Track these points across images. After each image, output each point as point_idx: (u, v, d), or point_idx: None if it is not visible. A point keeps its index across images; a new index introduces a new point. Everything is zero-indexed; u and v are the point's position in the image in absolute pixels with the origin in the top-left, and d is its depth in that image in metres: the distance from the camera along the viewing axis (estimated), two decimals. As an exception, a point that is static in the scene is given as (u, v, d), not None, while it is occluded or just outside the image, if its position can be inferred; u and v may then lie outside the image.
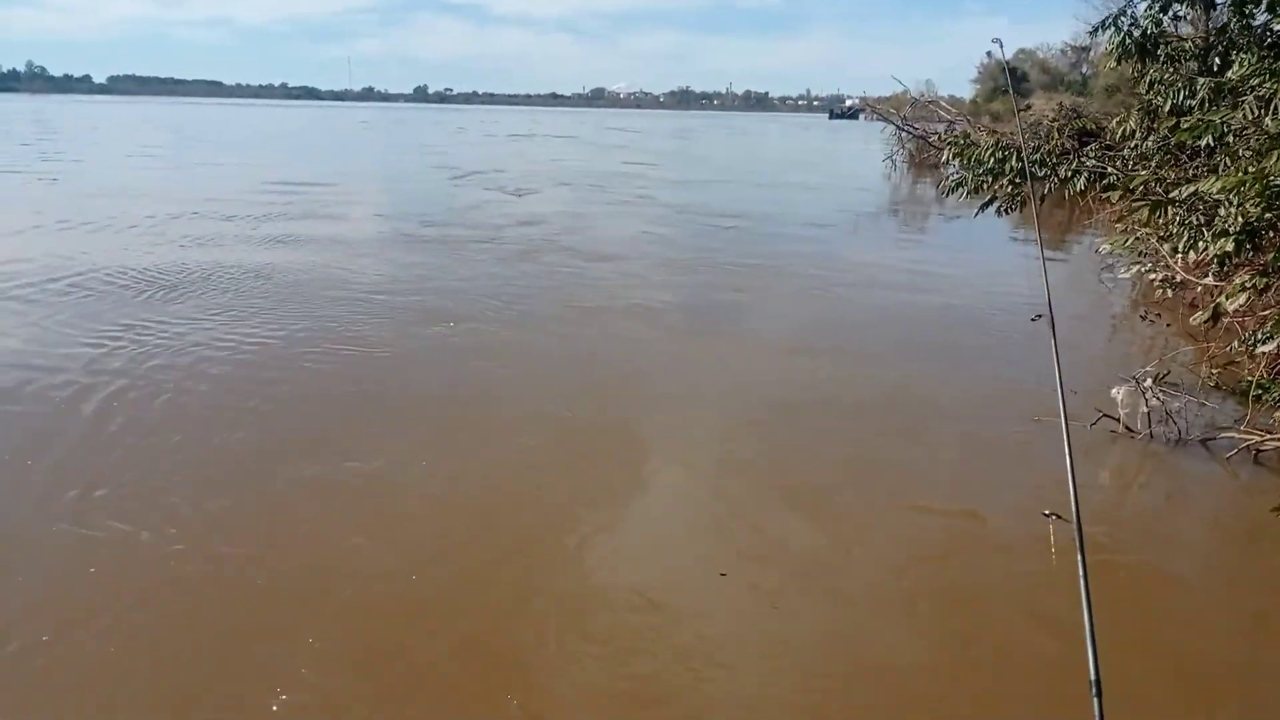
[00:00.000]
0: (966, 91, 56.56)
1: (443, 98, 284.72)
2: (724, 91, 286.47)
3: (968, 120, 24.08)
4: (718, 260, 12.43)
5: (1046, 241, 14.94)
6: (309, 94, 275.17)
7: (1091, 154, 6.79)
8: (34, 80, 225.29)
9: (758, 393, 6.79)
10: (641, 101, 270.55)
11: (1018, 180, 6.37)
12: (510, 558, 4.24)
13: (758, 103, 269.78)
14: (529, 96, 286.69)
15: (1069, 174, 6.44)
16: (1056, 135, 6.33)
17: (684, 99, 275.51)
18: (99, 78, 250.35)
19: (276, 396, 6.30)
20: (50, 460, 5.12)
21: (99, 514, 4.47)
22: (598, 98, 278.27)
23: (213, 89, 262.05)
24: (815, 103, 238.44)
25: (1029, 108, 20.63)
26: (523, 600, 3.88)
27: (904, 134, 31.24)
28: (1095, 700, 2.05)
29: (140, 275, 10.10)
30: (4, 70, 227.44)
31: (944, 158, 6.83)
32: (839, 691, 3.38)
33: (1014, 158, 6.15)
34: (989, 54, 47.74)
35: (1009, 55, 5.51)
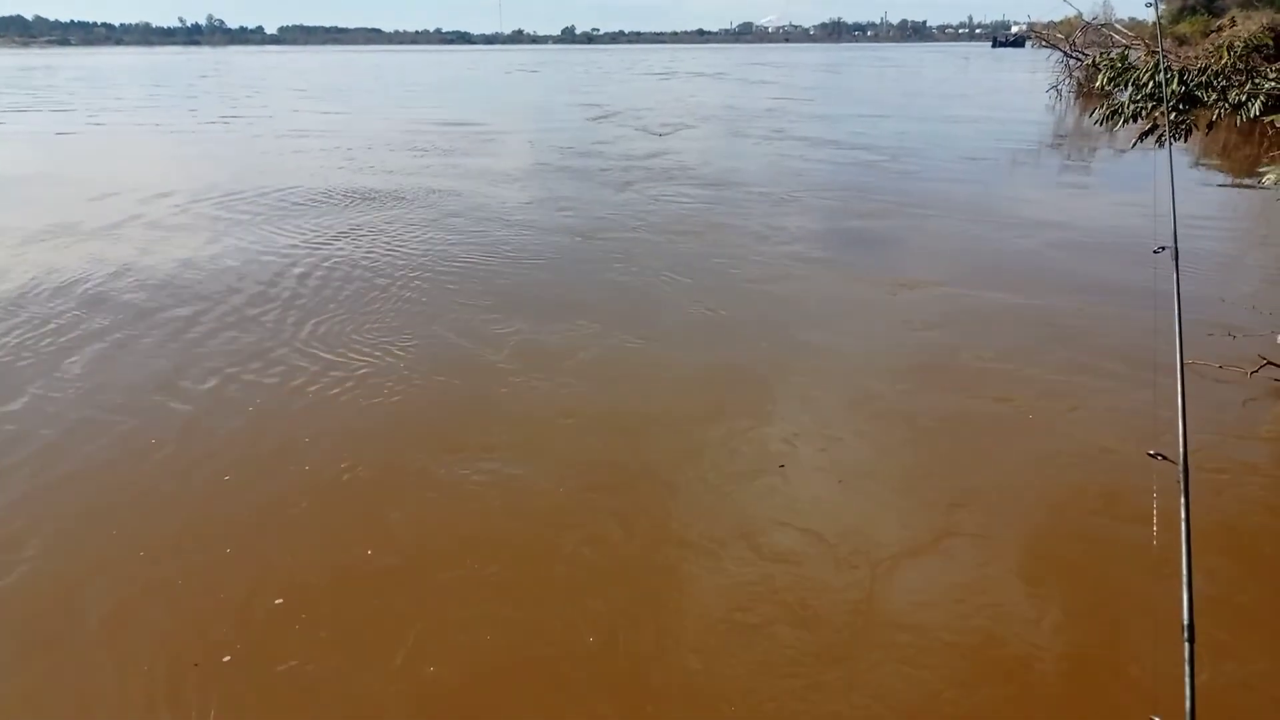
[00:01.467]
0: (1149, 13, 51.62)
1: (590, 38, 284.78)
2: (878, 21, 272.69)
3: (1145, 44, 22.02)
4: (861, 195, 12.12)
5: (1233, 174, 13.70)
6: (461, 38, 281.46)
7: (1272, 74, 6.14)
8: (214, 33, 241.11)
9: (890, 337, 6.69)
10: (791, 35, 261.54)
11: (1181, 106, 5.88)
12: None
13: (914, 32, 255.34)
14: (675, 34, 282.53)
15: (1243, 98, 5.88)
16: (1227, 54, 5.74)
17: (835, 31, 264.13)
18: (270, 28, 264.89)
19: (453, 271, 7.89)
20: (279, 312, 7.11)
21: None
22: (745, 33, 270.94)
23: (373, 36, 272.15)
24: (978, 30, 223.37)
25: (1220, 29, 18.71)
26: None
27: (1072, 61, 29.00)
28: (1187, 645, 2.02)
29: (340, 191, 12.22)
30: (189, 24, 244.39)
31: (1099, 82, 6.36)
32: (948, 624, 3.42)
33: (1176, 80, 5.67)
34: (1177, -31, 43.32)
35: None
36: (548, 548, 3.89)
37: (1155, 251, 2.68)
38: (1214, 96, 5.74)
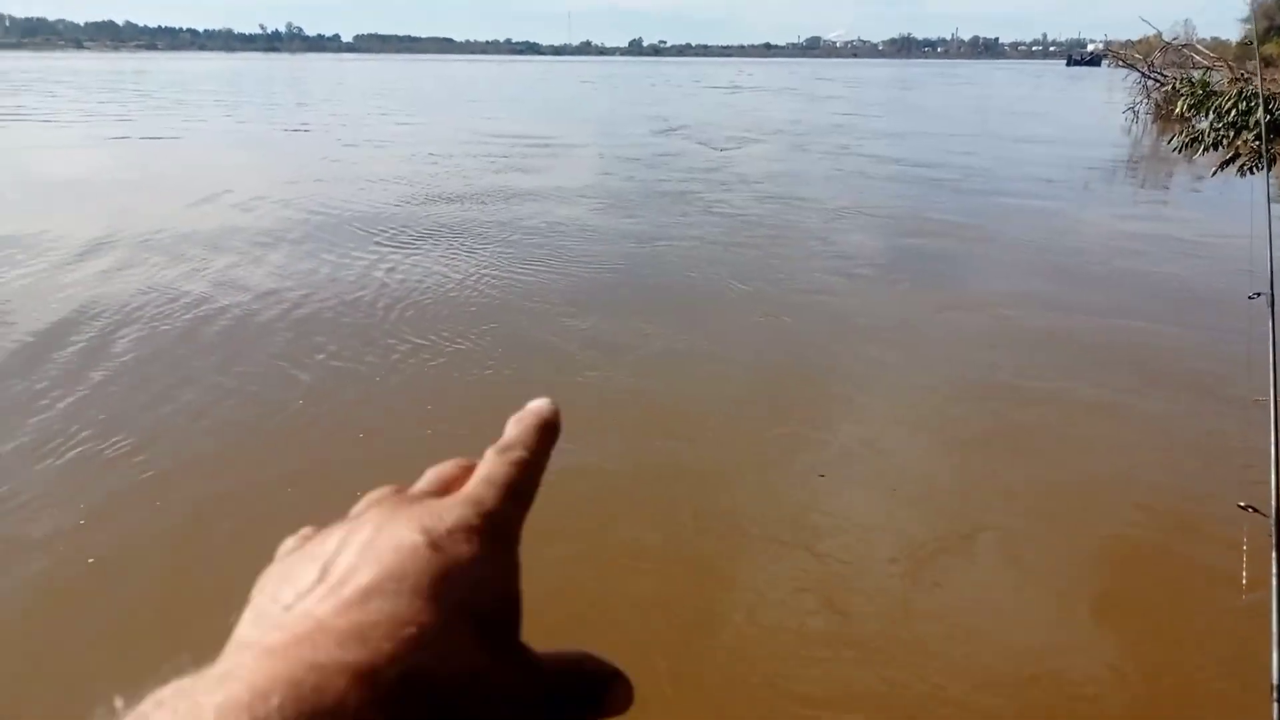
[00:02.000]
0: (1234, 32, 50.02)
1: (656, 50, 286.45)
2: (949, 38, 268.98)
3: (1228, 65, 21.39)
4: (927, 215, 12.02)
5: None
6: (530, 49, 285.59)
7: (1365, 105, 5.97)
8: (293, 40, 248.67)
9: (951, 358, 6.64)
10: (859, 50, 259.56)
11: (1266, 135, 5.74)
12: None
13: (986, 49, 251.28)
14: (741, 48, 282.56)
15: (1334, 128, 5.73)
16: (1315, 84, 5.58)
17: (905, 47, 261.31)
18: (346, 36, 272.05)
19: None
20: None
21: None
22: (813, 47, 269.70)
23: (444, 45, 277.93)
24: (1052, 48, 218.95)
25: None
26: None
27: (1150, 83, 28.28)
28: (1275, 705, 2.00)
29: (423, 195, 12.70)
30: (269, 31, 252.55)
31: (1178, 108, 6.25)
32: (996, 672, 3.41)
33: (1261, 109, 5.53)
34: (1265, -11, 41.90)
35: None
36: (604, 525, 4.17)
37: (1250, 298, 2.64)
38: (1302, 126, 5.60)
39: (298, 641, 0.31)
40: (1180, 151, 6.14)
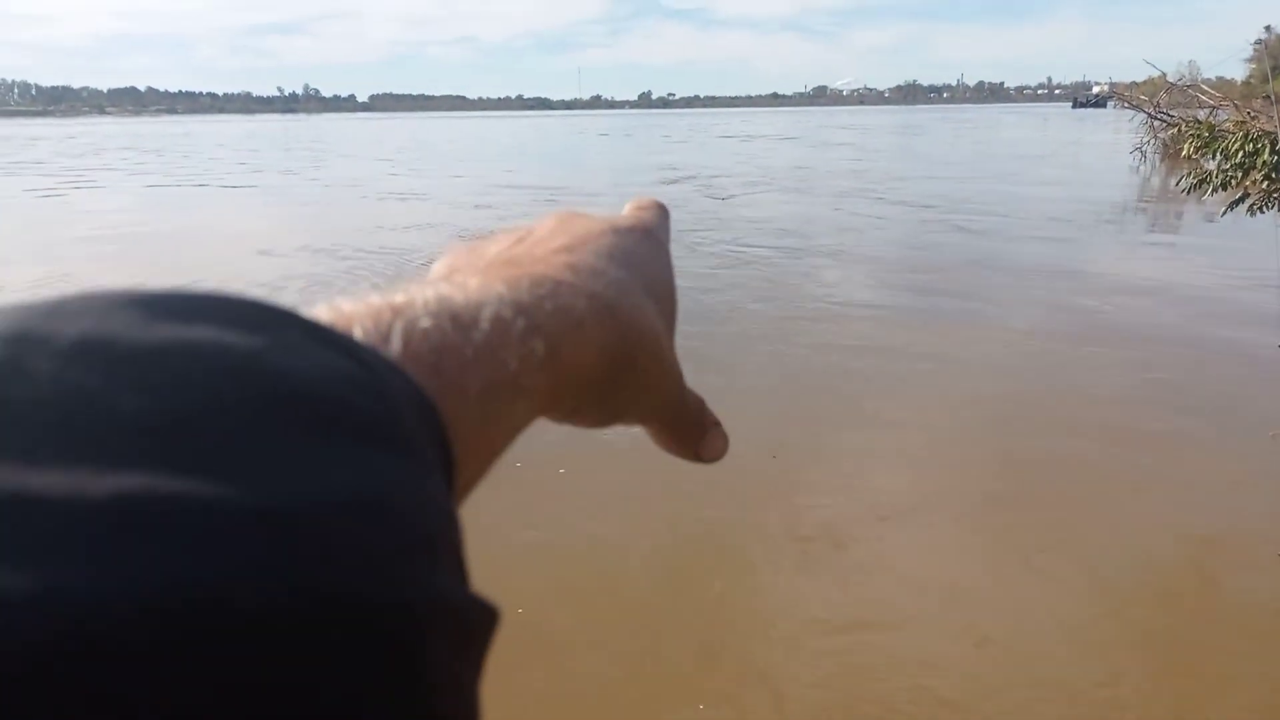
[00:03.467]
0: (1238, 72, 50.38)
1: (665, 102, 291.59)
2: (954, 84, 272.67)
3: (1234, 105, 21.47)
4: (935, 258, 12.04)
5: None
6: (542, 104, 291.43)
7: (1373, 142, 5.96)
8: (309, 101, 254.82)
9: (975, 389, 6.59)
10: (865, 98, 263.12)
11: (1275, 175, 5.75)
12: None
13: (991, 94, 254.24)
14: (749, 98, 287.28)
15: (1342, 167, 5.72)
16: (1324, 123, 5.60)
17: (910, 93, 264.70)
18: (361, 96, 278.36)
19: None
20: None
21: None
22: (820, 96, 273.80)
23: (458, 103, 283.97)
24: (1057, 91, 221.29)
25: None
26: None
27: (1156, 123, 28.45)
28: None
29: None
30: (287, 94, 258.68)
31: (1185, 150, 6.26)
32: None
33: (1268, 149, 5.55)
34: (1267, 28, 42.29)
35: None
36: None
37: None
38: (1310, 165, 5.60)
39: (532, 262, 0.34)
40: (1188, 193, 6.13)
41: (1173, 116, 27.43)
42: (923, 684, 3.41)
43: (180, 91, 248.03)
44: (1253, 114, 17.89)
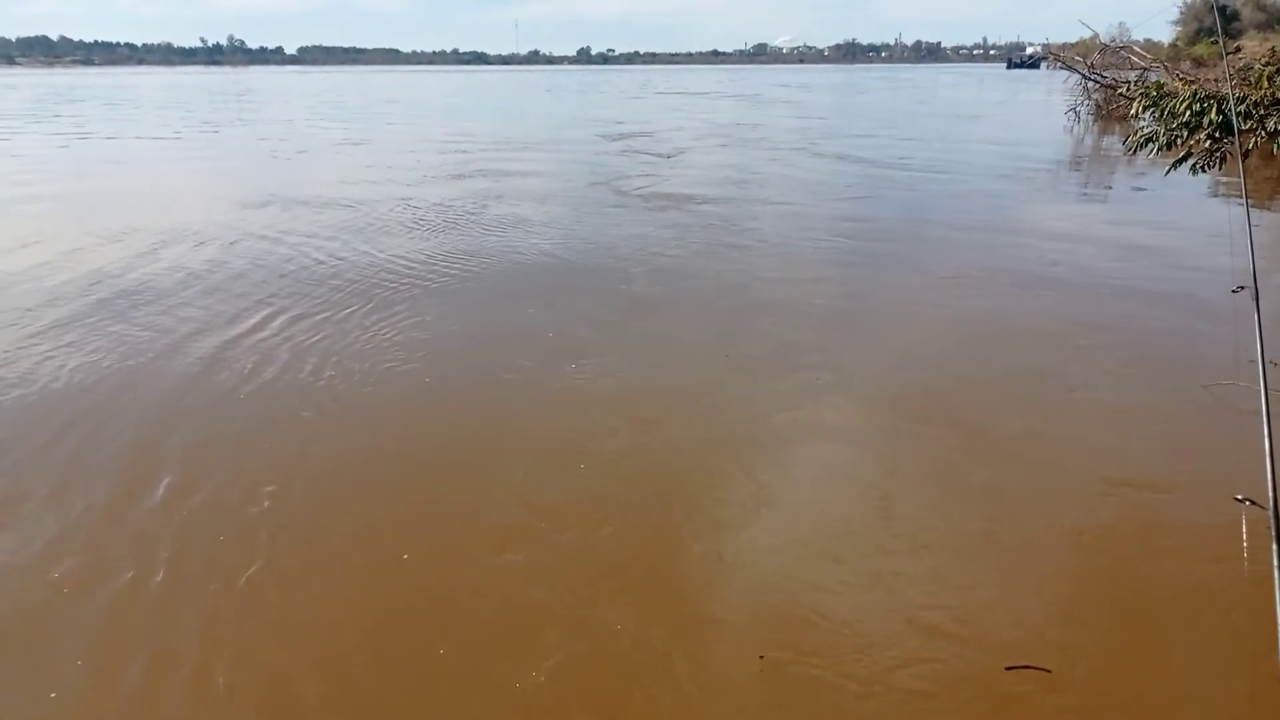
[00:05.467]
0: (1165, 34, 51.58)
1: (605, 59, 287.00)
2: (892, 43, 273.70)
3: (1164, 67, 21.93)
4: (875, 215, 12.06)
5: (1255, 202, 13.52)
6: (478, 59, 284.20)
7: (1310, 103, 6.04)
8: (235, 53, 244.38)
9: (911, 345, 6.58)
10: (805, 56, 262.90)
11: (1218, 135, 5.78)
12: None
13: (929, 54, 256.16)
14: (690, 55, 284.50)
15: (1280, 126, 5.79)
16: (1266, 83, 5.66)
17: (850, 52, 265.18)
18: (290, 49, 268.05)
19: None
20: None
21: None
22: (760, 54, 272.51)
23: (391, 56, 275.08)
24: (992, 51, 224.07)
25: (1238, 50, 18.62)
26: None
27: (1090, 84, 28.93)
28: None
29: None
30: (210, 45, 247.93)
31: (1133, 110, 6.27)
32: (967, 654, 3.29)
33: (1214, 109, 5.57)
34: (1194, -9, 43.26)
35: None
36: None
37: (1234, 291, 2.60)
38: (1252, 125, 5.65)
39: None
40: (1134, 152, 6.16)
41: (1105, 77, 27.93)
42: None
43: (96, 42, 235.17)
44: (1182, 75, 18.27)
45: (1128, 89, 9.68)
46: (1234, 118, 5.01)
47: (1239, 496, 2.51)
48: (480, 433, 5.32)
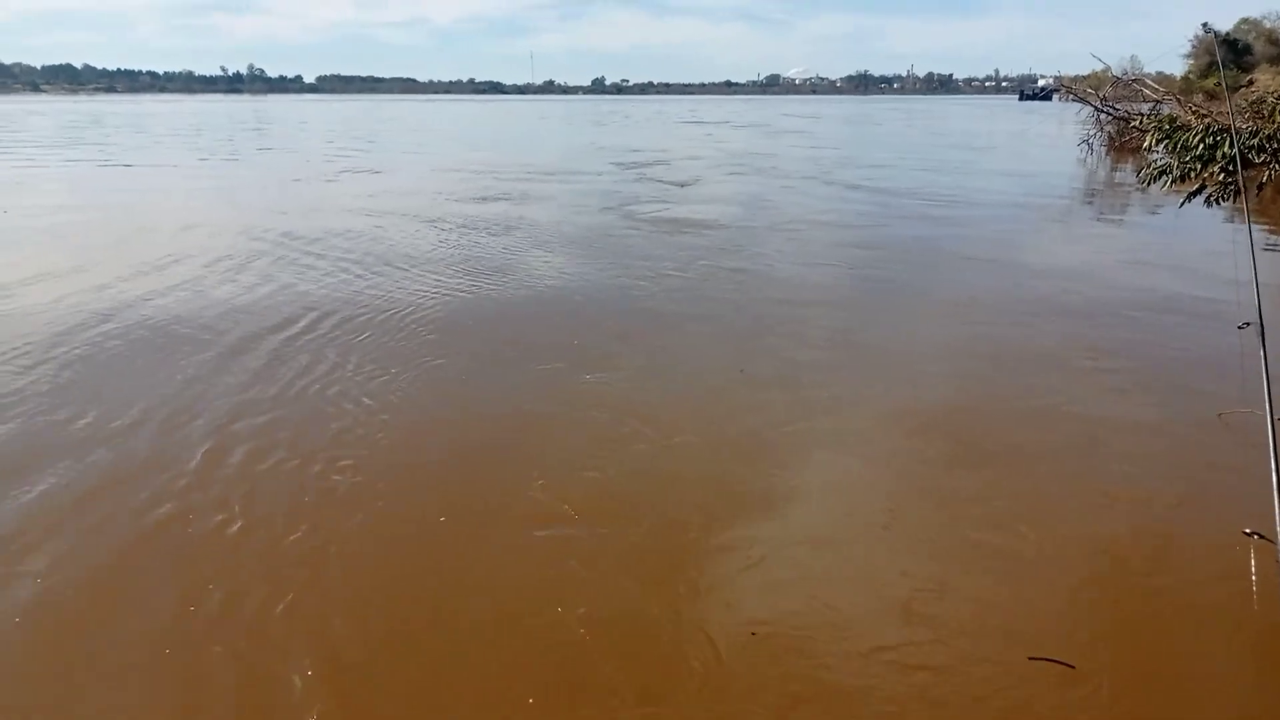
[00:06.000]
0: (1178, 68, 51.73)
1: (619, 88, 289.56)
2: (904, 75, 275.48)
3: (1176, 99, 22.09)
4: (889, 240, 12.19)
5: (1270, 234, 13.58)
6: (494, 88, 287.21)
7: (1323, 137, 6.15)
8: (254, 82, 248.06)
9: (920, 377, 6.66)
10: (818, 87, 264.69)
11: (1231, 168, 5.88)
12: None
13: (941, 85, 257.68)
14: (703, 85, 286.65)
15: (1295, 160, 5.89)
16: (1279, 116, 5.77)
17: (862, 83, 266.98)
18: (309, 78, 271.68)
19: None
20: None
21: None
22: (773, 85, 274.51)
23: (408, 86, 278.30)
24: (1004, 83, 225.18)
25: (1250, 83, 18.73)
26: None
27: (1102, 116, 29.10)
28: None
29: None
30: (231, 73, 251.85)
31: (1147, 142, 6.39)
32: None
33: (1227, 143, 5.68)
34: (1204, 25, 43.49)
35: (1229, 24, 5.10)
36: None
37: (1240, 327, 2.67)
38: (1266, 158, 5.76)
39: None
40: (1148, 184, 6.27)
41: (1118, 110, 28.10)
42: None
43: (119, 70, 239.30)
44: (1194, 108, 18.41)
45: (1140, 121, 9.77)
46: (1238, 151, 5.13)
47: (1247, 530, 2.57)
48: (514, 431, 5.73)
